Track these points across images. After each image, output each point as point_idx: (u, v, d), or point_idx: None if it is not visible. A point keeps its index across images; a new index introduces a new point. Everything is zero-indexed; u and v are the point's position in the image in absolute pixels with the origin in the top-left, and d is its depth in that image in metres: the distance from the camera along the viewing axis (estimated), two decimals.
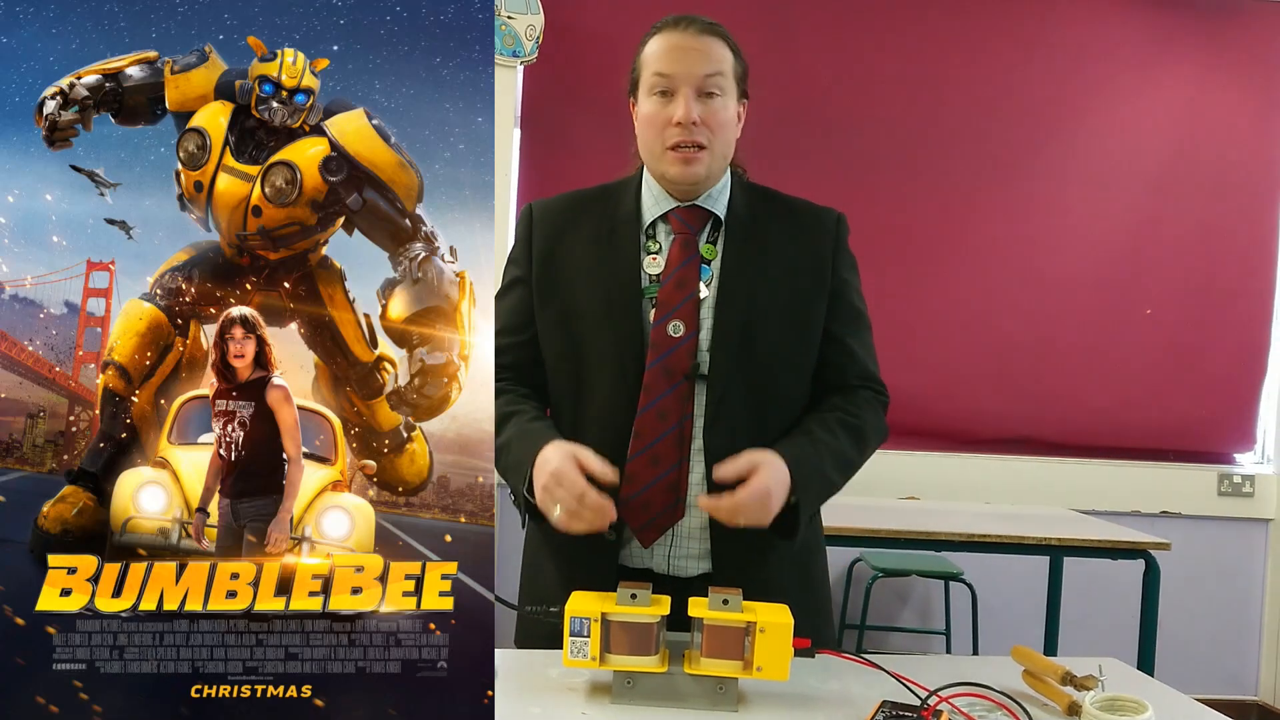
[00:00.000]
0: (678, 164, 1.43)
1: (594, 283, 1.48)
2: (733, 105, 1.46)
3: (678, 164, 1.43)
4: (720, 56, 1.43)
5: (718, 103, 1.43)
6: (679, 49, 1.42)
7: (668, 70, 1.42)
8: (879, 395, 1.56)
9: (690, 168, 1.43)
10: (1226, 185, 3.91)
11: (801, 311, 1.50)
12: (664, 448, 1.43)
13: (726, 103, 1.44)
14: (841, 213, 1.56)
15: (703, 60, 1.41)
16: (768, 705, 1.23)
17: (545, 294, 1.52)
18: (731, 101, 1.45)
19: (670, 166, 1.44)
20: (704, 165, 1.44)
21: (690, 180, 1.45)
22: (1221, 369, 3.94)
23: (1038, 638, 3.64)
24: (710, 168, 1.45)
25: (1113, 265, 3.89)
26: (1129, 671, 1.48)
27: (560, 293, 1.51)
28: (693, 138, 1.41)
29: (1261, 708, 3.99)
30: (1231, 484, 3.96)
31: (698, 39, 1.42)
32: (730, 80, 1.45)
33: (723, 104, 1.43)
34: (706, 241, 1.49)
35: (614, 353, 1.46)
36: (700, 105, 1.41)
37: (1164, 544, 2.96)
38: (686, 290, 1.45)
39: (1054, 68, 3.86)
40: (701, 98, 1.42)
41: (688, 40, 1.42)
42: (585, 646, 1.19)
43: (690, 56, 1.42)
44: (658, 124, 1.43)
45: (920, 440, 3.81)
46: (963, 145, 3.84)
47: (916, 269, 3.80)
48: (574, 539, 1.47)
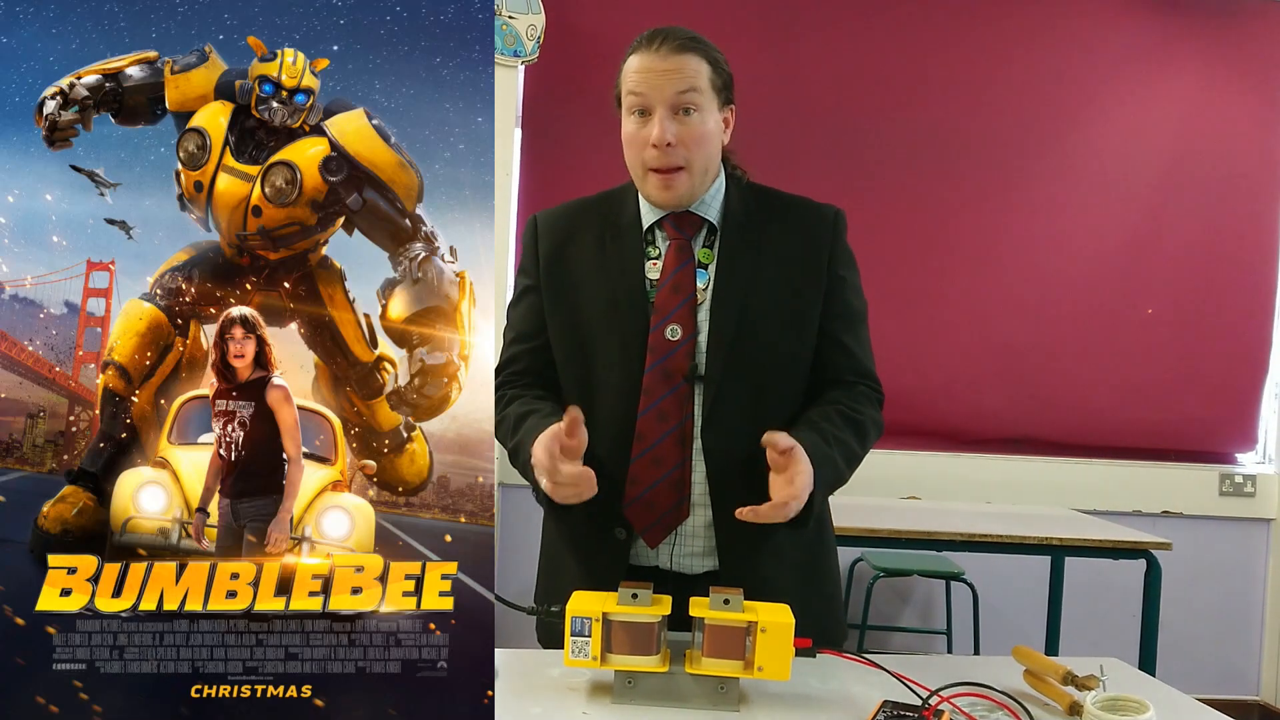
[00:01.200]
0: (658, 188, 1.45)
1: (598, 288, 1.50)
2: (712, 117, 1.46)
3: (658, 188, 1.45)
4: (694, 72, 1.43)
5: (694, 119, 1.43)
6: (651, 70, 1.42)
7: (641, 90, 1.42)
8: (874, 391, 1.56)
9: (669, 192, 1.45)
10: (1229, 185, 3.91)
11: (797, 309, 1.51)
12: (665, 448, 1.44)
13: (704, 118, 1.44)
14: (840, 209, 1.57)
15: (675, 79, 1.41)
16: (769, 705, 1.23)
17: (554, 300, 1.54)
18: (710, 115, 1.45)
19: (651, 190, 1.47)
20: (683, 185, 1.45)
21: (671, 204, 1.48)
22: (1223, 369, 3.94)
23: (1039, 637, 3.64)
24: (692, 186, 1.46)
25: (1115, 265, 3.88)
26: (1130, 671, 1.48)
27: (567, 298, 1.53)
28: (669, 161, 1.42)
29: (1263, 708, 3.99)
30: (1233, 484, 3.96)
31: (670, 59, 1.42)
32: (708, 94, 1.44)
33: (699, 119, 1.43)
34: (703, 245, 1.51)
35: (619, 356, 1.48)
36: (676, 124, 1.42)
37: (1165, 544, 2.96)
38: (682, 294, 1.46)
39: (1057, 68, 3.85)
40: (677, 116, 1.42)
41: (659, 61, 1.42)
42: (586, 646, 1.19)
43: (662, 77, 1.42)
44: (636, 144, 1.45)
45: (922, 440, 3.81)
46: (964, 145, 3.83)
47: (917, 269, 3.80)
48: (585, 535, 1.49)
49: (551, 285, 1.54)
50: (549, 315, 1.54)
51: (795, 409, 1.52)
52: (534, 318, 1.56)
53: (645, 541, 1.47)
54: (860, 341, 1.56)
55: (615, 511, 1.45)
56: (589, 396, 1.49)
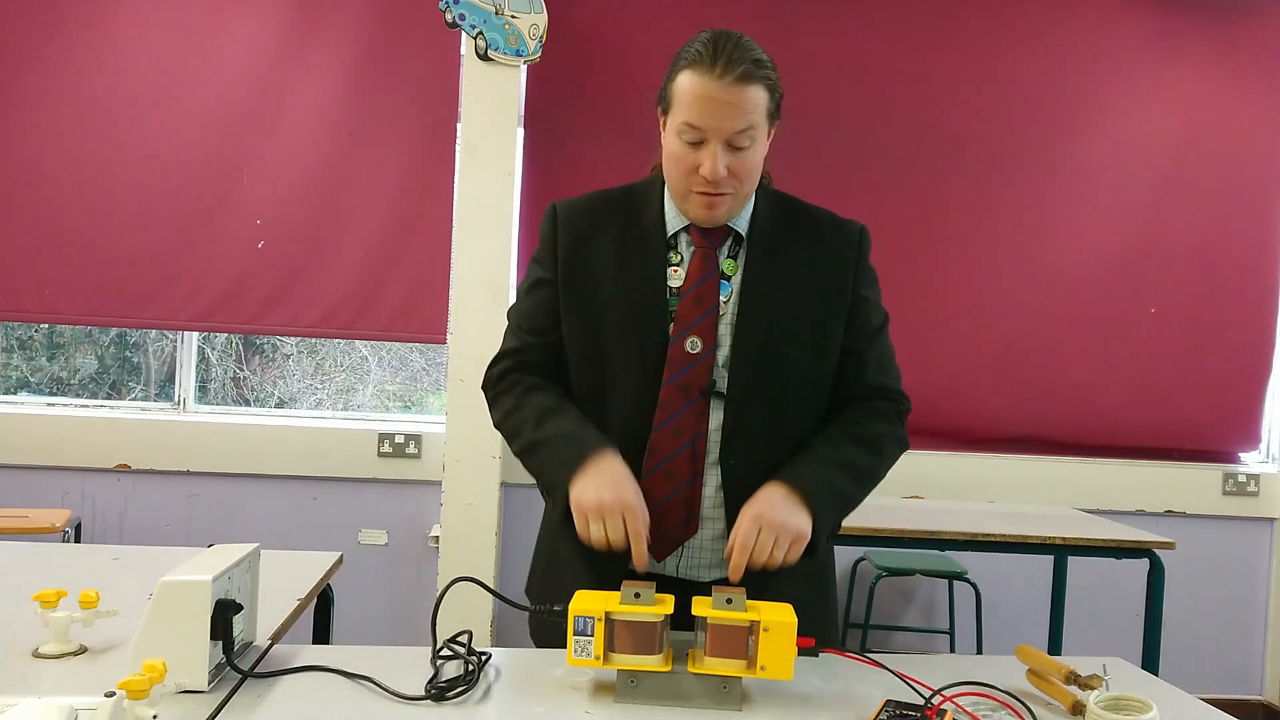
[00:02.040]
0: (701, 208, 1.41)
1: (618, 291, 1.46)
2: (762, 148, 1.41)
3: (701, 208, 1.41)
4: (755, 105, 1.36)
5: (747, 153, 1.38)
6: (713, 101, 1.34)
7: (699, 124, 1.36)
8: (894, 404, 1.53)
9: (713, 212, 1.42)
10: (1231, 184, 3.90)
11: (820, 328, 1.48)
12: (678, 463, 1.42)
13: (755, 150, 1.40)
14: (864, 226, 1.54)
15: (736, 116, 1.35)
16: (771, 704, 1.23)
17: (571, 298, 1.49)
18: (762, 143, 1.41)
19: (693, 209, 1.43)
20: (725, 208, 1.42)
21: (711, 222, 1.45)
22: (1226, 368, 3.93)
23: (1042, 637, 3.64)
24: (732, 209, 1.44)
25: (1118, 264, 3.88)
26: (1133, 671, 1.47)
27: (585, 299, 1.48)
28: (719, 189, 1.39)
29: (1266, 707, 3.98)
30: (1236, 483, 3.95)
31: (733, 91, 1.33)
32: (762, 124, 1.39)
33: (752, 153, 1.39)
34: (728, 256, 1.47)
35: (636, 364, 1.44)
36: (729, 155, 1.37)
37: (1169, 543, 2.95)
38: (705, 306, 1.43)
39: (1059, 67, 3.85)
40: (730, 149, 1.37)
41: (722, 91, 1.34)
42: (589, 645, 1.19)
43: (723, 111, 1.34)
44: (683, 167, 1.39)
45: (924, 439, 3.80)
46: (967, 145, 3.83)
47: (920, 268, 3.79)
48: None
49: (569, 284, 1.49)
50: (564, 314, 1.49)
51: (814, 428, 1.50)
52: (549, 313, 1.51)
53: (652, 555, 1.43)
54: (879, 356, 1.53)
55: None
56: (601, 402, 1.47)
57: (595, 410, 1.47)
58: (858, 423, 1.49)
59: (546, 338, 1.51)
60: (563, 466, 1.39)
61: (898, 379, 1.57)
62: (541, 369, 1.52)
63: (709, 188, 1.38)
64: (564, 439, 1.41)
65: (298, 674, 1.26)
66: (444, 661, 1.30)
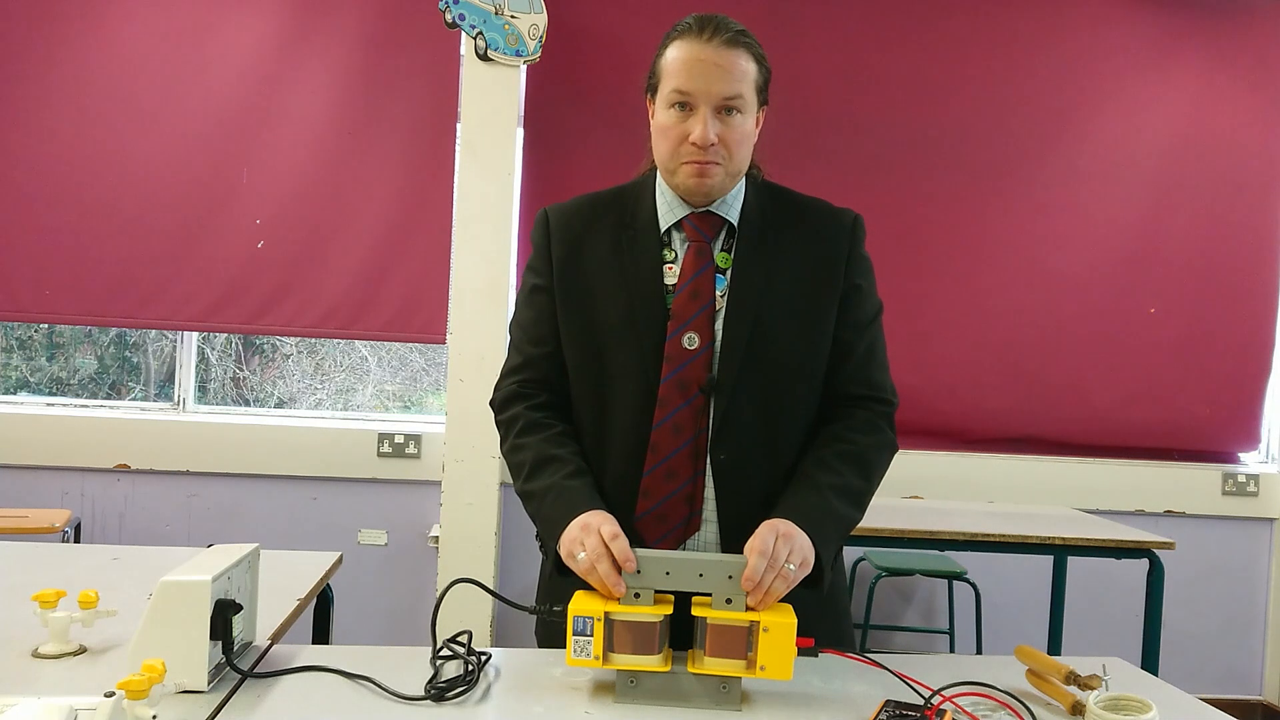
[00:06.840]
0: (691, 176, 1.41)
1: (615, 293, 1.45)
2: (752, 119, 1.42)
3: (691, 176, 1.41)
4: (744, 72, 1.37)
5: (736, 120, 1.39)
6: (701, 64, 1.36)
7: (687, 88, 1.37)
8: (882, 406, 1.51)
9: (703, 180, 1.41)
10: (1231, 184, 3.91)
11: (812, 317, 1.47)
12: (679, 461, 1.41)
13: (745, 119, 1.40)
14: (858, 214, 1.53)
15: (725, 79, 1.36)
16: (771, 705, 1.23)
17: (567, 303, 1.48)
18: (751, 116, 1.42)
19: (683, 179, 1.42)
20: (717, 178, 1.41)
21: (702, 191, 1.43)
22: (1226, 368, 3.93)
23: (1041, 637, 3.64)
24: (724, 180, 1.43)
25: (1117, 264, 3.88)
26: (1133, 671, 1.47)
27: (581, 303, 1.47)
28: (708, 157, 1.39)
29: (1266, 707, 3.98)
30: (1236, 483, 3.95)
31: (721, 53, 1.36)
32: (751, 96, 1.40)
33: (741, 120, 1.40)
34: (721, 249, 1.46)
35: (636, 365, 1.43)
36: (719, 123, 1.38)
37: (1168, 543, 2.95)
38: (701, 301, 1.42)
39: (1060, 67, 3.85)
40: (720, 115, 1.38)
41: (711, 54, 1.36)
42: (588, 646, 1.19)
43: (712, 74, 1.36)
44: (673, 137, 1.40)
45: (924, 439, 3.81)
46: (967, 145, 3.83)
47: (920, 267, 3.80)
48: None
49: (565, 289, 1.48)
50: (562, 320, 1.48)
51: (808, 421, 1.48)
52: (546, 321, 1.49)
53: None
54: (871, 351, 1.51)
55: (626, 524, 1.38)
56: (601, 405, 1.46)
57: (597, 414, 1.46)
58: (845, 439, 1.46)
59: (545, 348, 1.49)
60: (553, 526, 1.35)
61: (887, 372, 1.54)
62: (547, 385, 1.50)
63: (699, 155, 1.38)
64: (555, 494, 1.38)
65: (297, 674, 1.26)
66: (444, 662, 1.31)
